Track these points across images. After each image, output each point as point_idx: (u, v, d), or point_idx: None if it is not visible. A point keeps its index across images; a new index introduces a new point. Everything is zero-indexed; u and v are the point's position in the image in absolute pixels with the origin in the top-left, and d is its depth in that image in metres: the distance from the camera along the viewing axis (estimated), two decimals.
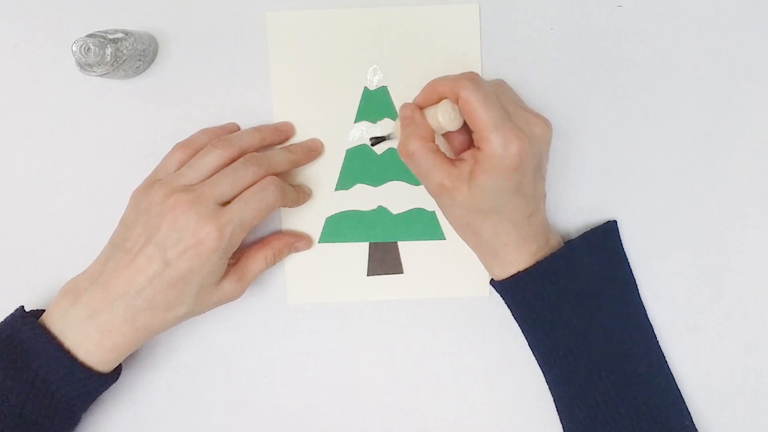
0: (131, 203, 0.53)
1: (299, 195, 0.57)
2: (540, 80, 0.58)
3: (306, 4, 0.58)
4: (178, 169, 0.53)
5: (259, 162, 0.53)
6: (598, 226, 0.57)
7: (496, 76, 0.58)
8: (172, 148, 0.55)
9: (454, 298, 0.59)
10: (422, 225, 0.59)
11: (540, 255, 0.52)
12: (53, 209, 0.59)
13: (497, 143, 0.48)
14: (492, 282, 0.55)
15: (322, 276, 0.59)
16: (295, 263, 0.59)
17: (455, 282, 0.59)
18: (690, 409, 0.57)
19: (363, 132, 0.59)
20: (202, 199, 0.50)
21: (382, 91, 0.59)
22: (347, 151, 0.59)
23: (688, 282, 0.58)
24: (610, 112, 0.58)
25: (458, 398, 0.59)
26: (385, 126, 0.59)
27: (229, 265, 0.53)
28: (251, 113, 0.59)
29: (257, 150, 0.55)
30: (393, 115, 0.59)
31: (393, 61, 0.58)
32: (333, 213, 0.59)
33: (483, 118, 0.48)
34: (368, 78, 0.59)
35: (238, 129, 0.58)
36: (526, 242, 0.52)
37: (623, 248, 0.58)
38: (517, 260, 0.52)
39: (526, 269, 0.52)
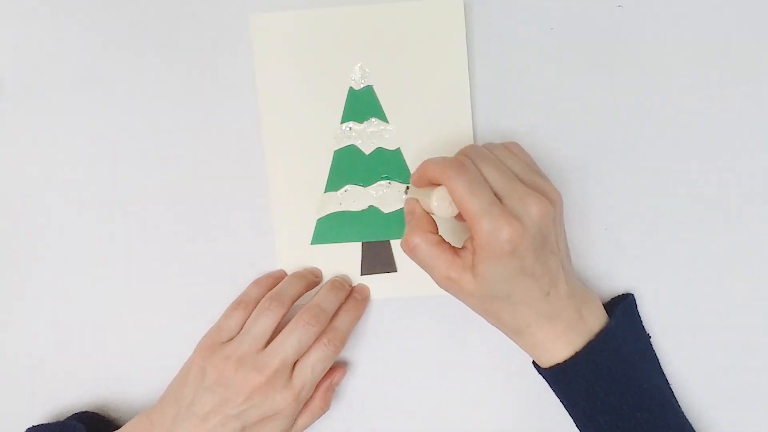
0: (195, 364, 0.54)
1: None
2: (540, 80, 0.58)
3: (288, 5, 0.57)
4: (240, 328, 0.55)
5: (318, 320, 0.55)
6: (619, 302, 0.56)
7: (495, 76, 0.58)
8: (231, 307, 0.57)
9: (448, 295, 0.58)
10: None
11: (573, 334, 0.51)
12: None
13: (487, 231, 0.47)
14: (534, 364, 0.54)
15: None
16: (289, 265, 0.59)
17: None
18: (690, 409, 0.57)
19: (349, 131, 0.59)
20: (276, 378, 0.53)
21: (368, 91, 0.58)
22: (335, 152, 0.58)
23: (689, 282, 0.58)
24: (610, 112, 0.58)
25: (455, 395, 0.59)
26: (373, 136, 0.58)
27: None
28: (238, 117, 0.59)
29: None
30: (380, 115, 0.58)
31: (378, 60, 0.58)
32: (324, 214, 0.59)
33: (469, 207, 0.47)
34: (353, 78, 0.58)
35: (286, 275, 0.59)
36: (550, 321, 0.50)
37: (642, 321, 0.57)
38: (544, 340, 0.51)
39: (566, 361, 0.51)
